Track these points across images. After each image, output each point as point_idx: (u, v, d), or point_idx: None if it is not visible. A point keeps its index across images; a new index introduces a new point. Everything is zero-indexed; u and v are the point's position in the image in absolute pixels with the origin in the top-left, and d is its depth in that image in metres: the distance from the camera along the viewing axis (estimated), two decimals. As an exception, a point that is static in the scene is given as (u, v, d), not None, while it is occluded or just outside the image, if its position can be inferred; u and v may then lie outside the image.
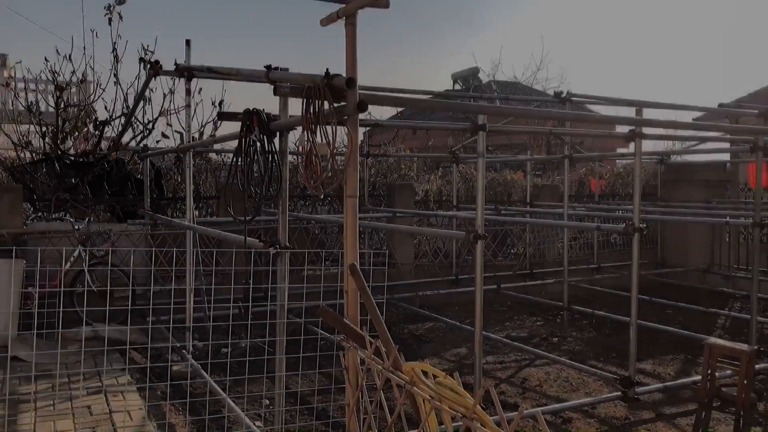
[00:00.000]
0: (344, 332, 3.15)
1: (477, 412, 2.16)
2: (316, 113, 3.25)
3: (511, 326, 8.59)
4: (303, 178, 3.40)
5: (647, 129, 5.48)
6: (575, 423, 5.21)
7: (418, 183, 11.26)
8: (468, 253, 10.15)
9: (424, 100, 5.72)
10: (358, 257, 3.25)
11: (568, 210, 8.33)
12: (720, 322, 8.73)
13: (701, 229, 11.51)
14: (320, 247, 9.08)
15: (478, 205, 4.96)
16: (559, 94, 7.87)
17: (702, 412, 5.47)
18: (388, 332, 2.95)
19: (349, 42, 3.27)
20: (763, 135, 6.30)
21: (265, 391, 5.21)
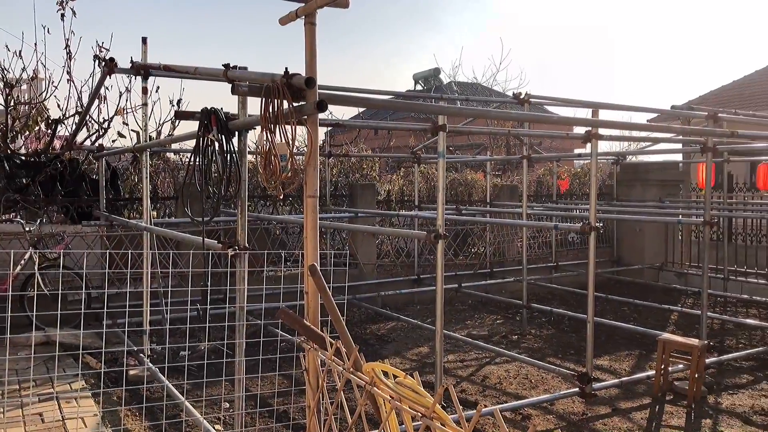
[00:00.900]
0: (304, 334, 3.13)
1: (436, 411, 2.17)
2: (275, 113, 3.21)
3: (472, 325, 8.67)
4: (262, 178, 3.36)
5: (603, 130, 5.60)
6: (534, 419, 5.28)
7: (381, 183, 11.26)
8: (430, 253, 10.21)
9: (385, 101, 5.72)
10: (319, 258, 3.23)
11: (527, 209, 8.45)
12: (673, 318, 8.98)
13: (655, 228, 11.83)
14: (281, 248, 9.01)
15: (439, 205, 4.99)
16: (518, 96, 7.97)
17: (656, 406, 5.63)
18: (349, 332, 2.94)
19: (308, 41, 3.24)
20: (712, 136, 6.50)
21: (225, 394, 5.15)
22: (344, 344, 2.90)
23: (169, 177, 9.83)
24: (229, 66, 3.97)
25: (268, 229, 8.89)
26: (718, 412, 5.45)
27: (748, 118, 8.99)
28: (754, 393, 5.92)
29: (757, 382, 6.25)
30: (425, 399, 2.27)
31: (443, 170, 5.04)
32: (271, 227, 9.01)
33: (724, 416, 5.36)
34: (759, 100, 20.20)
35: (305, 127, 3.26)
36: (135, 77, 7.33)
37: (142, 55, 5.93)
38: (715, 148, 6.56)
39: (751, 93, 21.18)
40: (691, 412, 5.46)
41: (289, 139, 3.21)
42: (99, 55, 8.53)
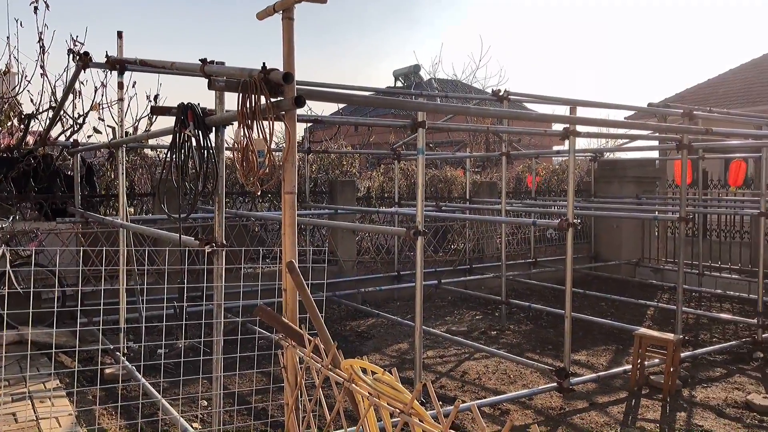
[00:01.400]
0: (283, 331, 3.11)
1: (414, 407, 2.17)
2: (252, 108, 3.18)
3: (451, 321, 8.70)
4: (240, 175, 3.33)
5: (581, 127, 5.65)
6: (513, 414, 5.32)
7: (360, 179, 11.25)
8: (410, 249, 10.22)
9: (364, 97, 5.71)
10: (297, 255, 3.21)
11: (506, 206, 8.50)
12: (650, 313, 9.10)
13: (632, 224, 11.98)
14: (260, 245, 8.95)
15: (418, 202, 5.00)
16: (497, 93, 8.00)
17: (632, 400, 5.70)
18: (329, 329, 2.93)
19: (286, 36, 3.22)
20: (687, 134, 6.59)
21: (203, 391, 5.10)
22: (322, 341, 2.89)
23: (146, 173, 9.71)
24: (207, 61, 3.92)
25: (246, 225, 8.83)
26: (692, 406, 5.53)
27: (722, 115, 9.12)
28: (727, 386, 6.02)
29: (730, 375, 6.36)
30: (403, 395, 2.27)
31: (422, 167, 5.05)
32: (249, 224, 8.94)
33: (698, 409, 5.44)
34: (733, 98, 20.54)
35: (283, 122, 3.24)
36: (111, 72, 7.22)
37: (117, 50, 5.85)
38: (690, 145, 6.65)
39: (725, 91, 21.52)
40: (666, 405, 5.54)
41: (266, 135, 3.18)
42: (73, 49, 8.38)
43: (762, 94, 20.08)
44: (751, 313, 8.31)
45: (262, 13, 3.38)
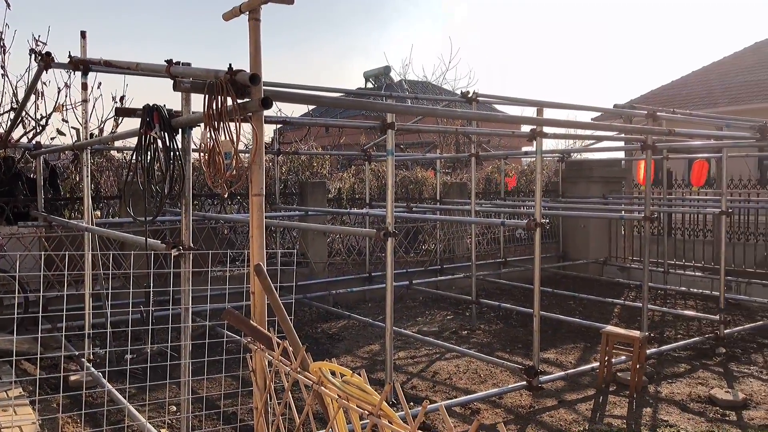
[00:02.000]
0: (251, 334, 3.09)
1: (383, 408, 2.18)
2: (218, 110, 3.15)
3: (423, 321, 8.73)
4: (206, 177, 3.30)
5: (548, 128, 5.72)
6: (483, 413, 5.36)
7: (331, 181, 11.22)
8: (381, 251, 10.23)
9: (332, 98, 5.70)
10: (265, 257, 3.19)
11: (476, 206, 8.56)
12: (617, 311, 9.26)
13: (599, 224, 12.17)
14: (230, 248, 8.86)
15: (388, 203, 5.01)
16: (466, 94, 8.06)
17: (600, 396, 5.79)
18: (300, 332, 2.92)
19: (252, 37, 3.20)
20: (651, 134, 6.72)
21: (172, 397, 5.03)
22: (291, 344, 2.88)
23: (113, 176, 9.55)
24: (172, 62, 3.87)
25: (215, 228, 8.74)
26: (658, 401, 5.64)
27: (685, 117, 9.34)
28: (691, 381, 6.16)
29: (694, 370, 6.51)
30: (372, 397, 2.27)
31: (392, 168, 5.06)
32: (218, 226, 8.85)
33: (664, 404, 5.56)
34: (695, 99, 21.04)
35: (250, 124, 3.21)
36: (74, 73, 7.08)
37: (81, 50, 5.74)
38: (654, 145, 6.79)
39: (688, 93, 22.02)
40: (633, 401, 5.64)
41: (233, 137, 3.15)
42: (35, 49, 8.20)
43: (723, 96, 20.60)
44: (713, 309, 8.51)
45: (228, 14, 3.36)
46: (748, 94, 19.93)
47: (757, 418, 5.23)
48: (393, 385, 2.25)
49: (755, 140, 6.99)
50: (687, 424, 5.11)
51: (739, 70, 21.85)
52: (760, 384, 6.07)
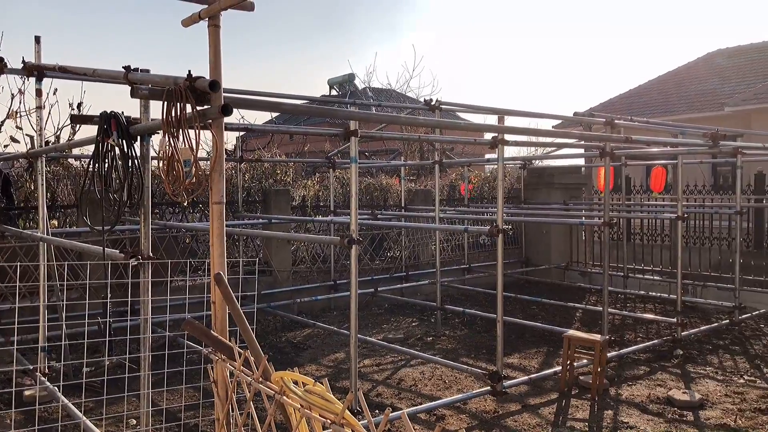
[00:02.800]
0: (212, 345, 3.04)
1: (346, 417, 2.17)
2: (177, 117, 3.11)
3: (388, 328, 8.73)
4: (165, 185, 3.24)
5: (509, 135, 5.80)
6: (448, 420, 5.37)
7: (295, 188, 11.15)
8: (346, 258, 10.20)
9: (294, 105, 5.68)
10: (226, 266, 3.15)
11: (440, 213, 8.61)
12: (578, 315, 9.41)
13: (560, 229, 12.37)
14: (192, 257, 8.72)
15: (352, 210, 5.00)
16: (429, 102, 8.12)
17: (562, 400, 5.87)
18: (264, 341, 2.89)
19: (212, 44, 3.17)
20: (609, 141, 6.87)
21: (131, 409, 4.92)
22: (253, 354, 2.85)
23: (70, 184, 9.31)
24: (130, 68, 3.81)
25: (176, 237, 8.60)
26: (618, 403, 5.75)
27: (642, 124, 9.57)
28: (650, 383, 6.29)
29: (653, 372, 6.65)
30: (335, 406, 2.26)
31: (356, 175, 5.06)
32: (180, 235, 8.71)
33: (624, 407, 5.66)
34: (653, 107, 21.61)
35: (210, 131, 3.18)
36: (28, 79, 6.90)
37: (35, 55, 5.59)
38: (612, 152, 6.94)
39: (645, 101, 22.60)
40: (594, 404, 5.73)
41: (192, 144, 3.11)
42: (-13, 54, 7.96)
43: (679, 104, 21.22)
44: (671, 312, 8.71)
45: (187, 20, 3.32)
46: (702, 103, 20.57)
47: (713, 417, 5.37)
48: (356, 394, 2.24)
49: (708, 147, 7.21)
50: (646, 426, 5.21)
51: (693, 80, 22.54)
52: (716, 384, 6.23)
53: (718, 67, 22.89)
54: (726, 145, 7.40)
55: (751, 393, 5.95)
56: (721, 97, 19.95)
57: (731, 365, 6.90)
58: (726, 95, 19.94)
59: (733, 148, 7.72)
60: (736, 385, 6.19)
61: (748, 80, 20.60)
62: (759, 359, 7.09)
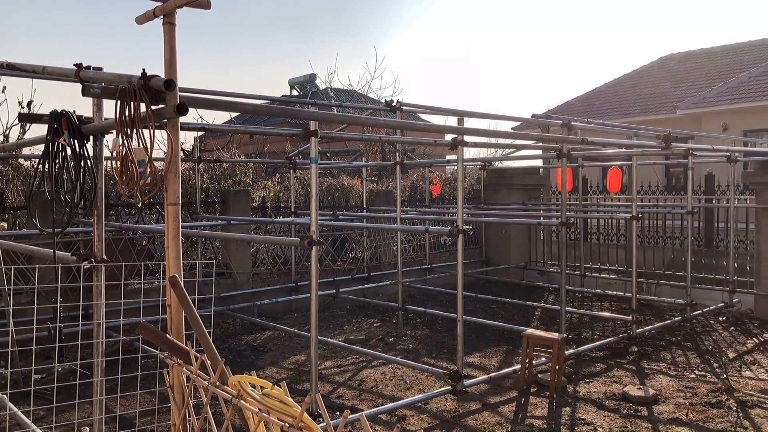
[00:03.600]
0: (167, 349, 2.98)
1: (304, 420, 2.15)
2: (131, 116, 3.03)
3: (350, 329, 8.71)
4: (119, 186, 3.16)
5: (468, 137, 5.84)
6: (409, 420, 5.39)
7: (255, 189, 11.03)
8: (307, 260, 10.11)
9: (253, 105, 5.60)
10: (182, 269, 3.09)
11: (402, 214, 8.63)
12: (537, 314, 9.55)
13: (520, 229, 12.54)
14: (149, 259, 8.54)
15: (312, 211, 4.97)
16: (390, 103, 8.14)
17: (522, 398, 5.94)
18: (223, 344, 2.84)
19: (167, 42, 3.11)
20: (566, 143, 7.00)
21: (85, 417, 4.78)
22: (210, 358, 2.80)
23: (20, 185, 9.02)
24: (82, 66, 3.69)
25: (133, 239, 8.40)
26: (576, 400, 5.85)
27: (598, 126, 9.79)
28: (606, 380, 6.42)
29: (609, 369, 6.79)
30: (293, 409, 2.23)
31: (316, 176, 5.03)
32: (136, 237, 8.52)
33: (582, 403, 5.77)
34: (609, 109, 22.11)
35: (165, 131, 3.11)
36: (-25, 75, 6.67)
37: (-18, 52, 5.39)
38: (569, 153, 7.07)
39: (601, 104, 23.11)
40: (553, 402, 5.82)
41: (147, 144, 3.04)
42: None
43: (634, 107, 21.77)
44: (627, 310, 8.92)
45: (141, 17, 3.25)
46: (656, 106, 21.15)
47: (666, 412, 5.51)
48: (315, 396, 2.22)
49: (660, 149, 7.40)
50: (603, 422, 5.32)
51: (647, 83, 23.16)
52: (669, 380, 6.40)
53: (670, 71, 23.58)
54: (677, 147, 7.62)
55: (702, 387, 6.13)
56: (674, 100, 20.56)
57: (683, 361, 7.10)
58: (678, 98, 20.55)
59: (684, 149, 7.95)
60: (687, 380, 6.37)
61: (699, 84, 21.28)
62: (709, 354, 7.32)
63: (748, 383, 6.25)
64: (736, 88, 18.84)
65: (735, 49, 23.04)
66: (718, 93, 19.15)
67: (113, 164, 3.25)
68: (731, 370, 6.63)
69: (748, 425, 5.19)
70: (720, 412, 5.49)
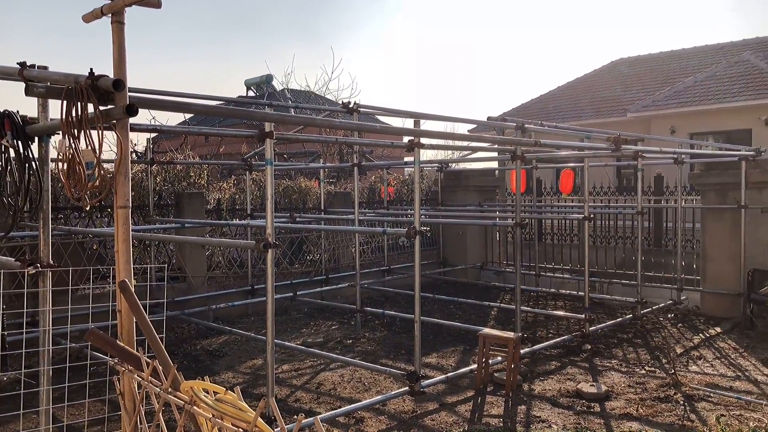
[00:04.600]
0: (118, 355, 2.91)
1: (258, 425, 2.13)
2: (78, 117, 2.95)
3: (307, 332, 8.65)
4: (66, 188, 3.07)
5: (425, 139, 5.88)
6: (367, 422, 5.38)
7: (210, 191, 10.86)
8: (264, 262, 10.01)
9: (206, 106, 5.52)
10: (132, 273, 3.02)
11: (360, 216, 8.62)
12: (494, 314, 9.68)
13: (476, 230, 12.69)
14: (100, 263, 8.32)
15: (268, 213, 4.92)
16: (347, 105, 8.13)
17: (478, 397, 6.01)
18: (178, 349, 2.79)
19: (116, 41, 3.04)
20: (519, 145, 7.11)
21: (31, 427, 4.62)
22: (162, 363, 2.75)
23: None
24: (26, 65, 3.58)
25: (83, 243, 8.17)
26: (531, 398, 5.95)
27: (551, 129, 9.97)
28: (560, 378, 6.55)
29: (564, 367, 6.93)
30: (247, 414, 2.21)
31: (271, 177, 4.98)
32: (86, 241, 8.28)
33: (537, 401, 5.86)
34: (563, 112, 22.57)
35: (115, 132, 3.04)
36: None
37: None
38: (523, 155, 7.18)
39: (554, 106, 23.57)
40: (509, 400, 5.91)
41: (95, 146, 2.97)
42: None
43: (587, 110, 22.27)
44: (580, 308, 9.12)
45: (88, 15, 3.17)
46: (607, 109, 21.69)
47: (617, 408, 5.65)
48: (270, 400, 2.20)
49: (611, 151, 7.60)
50: (557, 419, 5.42)
51: (600, 86, 23.73)
52: (620, 376, 6.57)
53: (621, 75, 24.21)
54: (627, 149, 7.82)
55: (651, 383, 6.31)
56: (625, 104, 21.12)
57: (634, 357, 7.30)
58: (628, 102, 21.12)
59: (633, 151, 8.17)
60: (638, 376, 6.55)
61: (648, 88, 21.91)
62: (658, 350, 7.54)
63: (694, 377, 6.47)
64: (683, 93, 19.48)
65: (681, 54, 23.82)
66: (666, 97, 19.77)
67: (60, 166, 3.16)
68: (679, 366, 6.85)
69: (695, 418, 5.37)
70: (668, 406, 5.66)
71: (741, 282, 8.84)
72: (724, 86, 18.80)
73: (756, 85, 18.14)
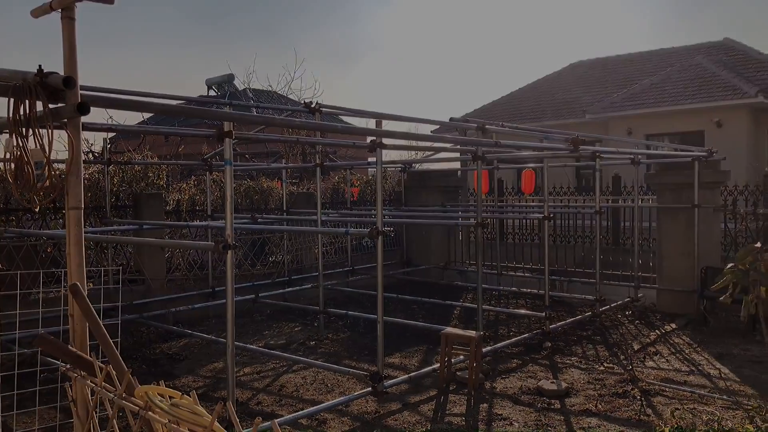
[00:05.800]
0: (70, 361, 2.82)
1: (215, 429, 2.09)
2: (27, 115, 2.86)
3: (270, 335, 8.57)
4: (13, 189, 2.97)
5: (387, 139, 5.88)
6: (330, 423, 5.36)
7: (170, 192, 10.66)
8: (225, 264, 9.88)
9: (162, 105, 5.40)
10: (85, 276, 2.93)
11: (323, 216, 8.58)
12: (456, 313, 9.74)
13: (439, 230, 12.76)
14: (54, 267, 8.08)
15: (227, 214, 4.85)
16: (309, 105, 8.07)
17: (441, 396, 6.04)
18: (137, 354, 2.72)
19: (66, 38, 2.94)
20: (480, 146, 7.17)
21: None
22: (116, 369, 2.67)
23: None
24: (-28, 60, 3.45)
25: (35, 246, 7.93)
26: (493, 396, 6.00)
27: (512, 129, 10.08)
28: (522, 375, 6.63)
29: (525, 365, 7.01)
30: (204, 419, 2.17)
31: (230, 178, 4.91)
32: (40, 244, 8.04)
33: (498, 399, 5.92)
34: (525, 113, 22.89)
35: (66, 131, 2.95)
36: None
37: None
38: (484, 156, 7.25)
39: (518, 107, 23.90)
40: (471, 398, 5.95)
41: (45, 145, 2.87)
42: None
43: (548, 111, 22.63)
44: (540, 307, 9.24)
45: (37, 10, 3.07)
46: (567, 110, 22.07)
47: (577, 404, 5.75)
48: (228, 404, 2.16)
49: (569, 151, 7.72)
50: (518, 416, 5.48)
51: (560, 88, 24.13)
52: (580, 373, 6.68)
53: (580, 77, 24.66)
54: (585, 150, 7.96)
55: (610, 379, 6.44)
56: (584, 105, 21.52)
57: (593, 354, 7.43)
58: (587, 103, 21.53)
59: (591, 152, 8.32)
60: (597, 373, 6.67)
61: (607, 90, 22.38)
62: (616, 347, 7.70)
63: (651, 373, 6.62)
64: (639, 95, 19.95)
65: (638, 58, 24.39)
66: (623, 99, 20.22)
67: (7, 166, 3.05)
68: (636, 362, 7.00)
69: (650, 412, 5.49)
70: (626, 401, 5.78)
71: (695, 279, 9.09)
72: (678, 89, 19.33)
73: (708, 88, 18.70)
